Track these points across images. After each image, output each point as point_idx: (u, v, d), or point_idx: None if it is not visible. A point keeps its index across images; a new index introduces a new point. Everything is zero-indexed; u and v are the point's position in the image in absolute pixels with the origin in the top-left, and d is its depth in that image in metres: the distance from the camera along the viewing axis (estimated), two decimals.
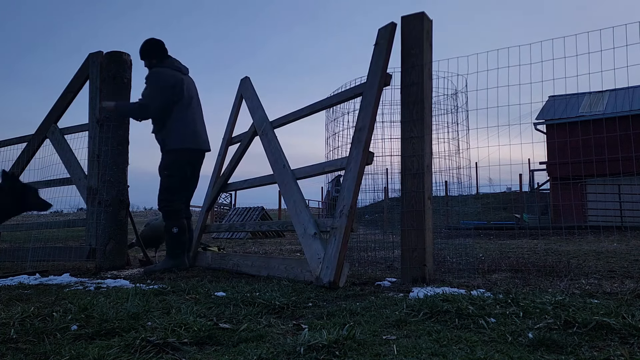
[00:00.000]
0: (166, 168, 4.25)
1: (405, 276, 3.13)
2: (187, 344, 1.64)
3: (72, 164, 4.86)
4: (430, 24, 3.30)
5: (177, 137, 4.21)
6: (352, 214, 3.04)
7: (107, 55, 4.69)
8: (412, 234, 3.13)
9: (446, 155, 4.09)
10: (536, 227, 11.07)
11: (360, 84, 3.47)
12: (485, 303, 2.08)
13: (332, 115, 4.54)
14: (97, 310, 2.06)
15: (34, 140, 5.28)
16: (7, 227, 7.20)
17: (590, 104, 16.93)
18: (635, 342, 1.57)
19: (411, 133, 3.20)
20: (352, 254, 4.58)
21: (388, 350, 1.52)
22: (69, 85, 5.06)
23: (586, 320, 1.72)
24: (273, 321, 1.96)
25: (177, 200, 4.25)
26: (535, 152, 19.19)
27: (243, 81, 4.93)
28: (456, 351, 1.50)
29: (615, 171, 8.96)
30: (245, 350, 1.55)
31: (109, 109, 4.32)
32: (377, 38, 3.35)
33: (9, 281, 3.44)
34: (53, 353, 1.54)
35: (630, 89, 16.45)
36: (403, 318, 1.92)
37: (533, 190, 19.35)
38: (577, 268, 3.67)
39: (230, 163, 4.91)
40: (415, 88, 3.21)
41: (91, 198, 4.52)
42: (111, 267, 4.30)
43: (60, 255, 4.72)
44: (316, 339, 1.55)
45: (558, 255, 4.85)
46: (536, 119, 16.30)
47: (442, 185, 4.42)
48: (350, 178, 3.13)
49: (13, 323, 1.90)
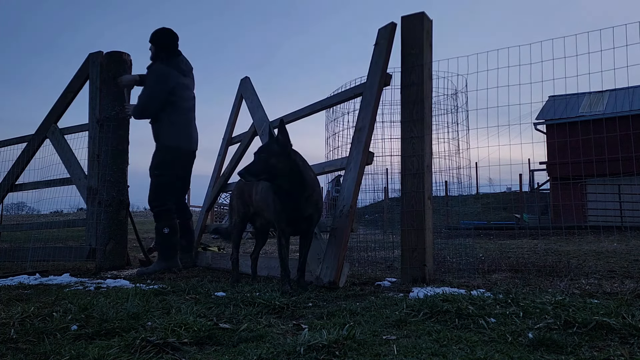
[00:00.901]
0: (157, 167, 4.23)
1: (405, 276, 3.13)
2: (187, 344, 1.64)
3: (72, 164, 4.86)
4: (430, 24, 3.30)
5: (171, 135, 4.20)
6: (352, 214, 3.04)
7: (107, 55, 4.69)
8: (412, 234, 3.13)
9: (446, 155, 4.09)
10: (536, 227, 11.07)
11: (360, 84, 3.47)
12: (485, 303, 2.08)
13: (332, 115, 4.54)
14: (97, 310, 2.06)
15: (34, 140, 5.28)
16: (7, 227, 7.21)
17: (590, 104, 16.93)
18: (635, 342, 1.57)
19: (411, 133, 3.20)
20: (352, 254, 4.58)
21: (388, 350, 1.52)
22: (69, 85, 5.07)
23: (586, 320, 1.72)
24: (273, 321, 1.96)
25: (168, 200, 4.22)
26: (535, 152, 19.20)
27: (243, 81, 4.93)
28: (456, 351, 1.50)
29: (615, 171, 8.96)
30: (245, 350, 1.55)
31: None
32: (377, 38, 3.35)
33: (9, 281, 3.44)
34: (53, 353, 1.54)
35: (630, 89, 16.46)
36: (403, 318, 1.92)
37: (533, 190, 19.35)
38: (577, 268, 3.67)
39: (230, 163, 4.91)
40: (415, 88, 3.21)
41: (91, 198, 4.52)
42: (111, 267, 4.30)
43: (60, 255, 4.72)
44: (316, 339, 1.55)
45: (558, 255, 4.85)
46: (536, 119, 16.31)
47: (442, 185, 4.43)
48: (350, 178, 3.13)
49: (13, 323, 1.90)
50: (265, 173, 2.64)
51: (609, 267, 3.72)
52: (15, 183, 5.52)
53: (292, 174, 2.70)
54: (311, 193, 2.80)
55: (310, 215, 2.85)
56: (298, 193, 2.75)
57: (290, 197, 2.77)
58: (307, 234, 2.95)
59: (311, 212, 2.85)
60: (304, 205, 2.80)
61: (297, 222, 2.86)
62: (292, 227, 2.88)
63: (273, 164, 2.63)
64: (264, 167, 2.63)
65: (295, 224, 2.86)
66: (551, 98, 17.20)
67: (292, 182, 2.72)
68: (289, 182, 2.72)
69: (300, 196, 2.76)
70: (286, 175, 2.69)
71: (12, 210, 19.97)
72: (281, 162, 2.65)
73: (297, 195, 2.76)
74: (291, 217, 2.83)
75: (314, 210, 2.86)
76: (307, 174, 2.80)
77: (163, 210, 4.18)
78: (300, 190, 2.75)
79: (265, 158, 2.64)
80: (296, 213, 2.82)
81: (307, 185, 2.77)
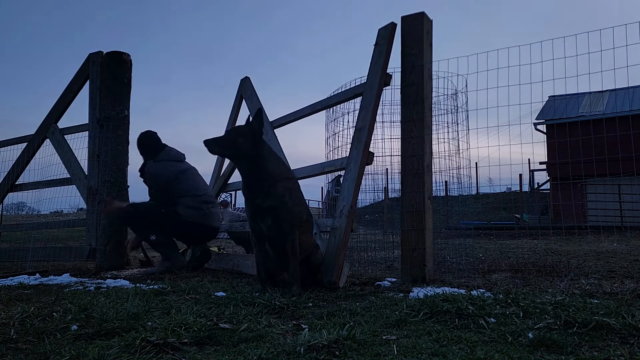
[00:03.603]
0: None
1: (405, 276, 3.13)
2: (187, 344, 1.64)
3: (72, 164, 4.86)
4: (430, 24, 3.30)
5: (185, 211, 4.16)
6: (352, 214, 3.04)
7: (107, 55, 4.69)
8: (412, 234, 3.13)
9: (446, 155, 4.09)
10: (536, 227, 11.07)
11: (360, 84, 3.47)
12: (485, 303, 2.07)
13: (332, 115, 4.55)
14: (97, 310, 2.06)
15: (34, 140, 5.29)
16: (7, 227, 7.21)
17: (590, 104, 16.94)
18: (635, 342, 1.57)
19: (411, 133, 3.20)
20: (352, 254, 4.58)
21: (388, 350, 1.52)
22: (69, 85, 5.07)
23: (586, 320, 1.72)
24: (273, 321, 1.96)
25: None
26: (535, 152, 19.19)
27: (243, 81, 4.93)
28: (456, 351, 1.50)
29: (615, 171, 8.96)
30: (245, 350, 1.55)
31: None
32: (377, 38, 3.35)
33: (9, 281, 3.44)
34: (53, 353, 1.54)
35: (630, 89, 16.46)
36: (403, 318, 1.92)
37: (533, 190, 19.36)
38: (577, 268, 3.67)
39: (230, 163, 4.91)
40: (415, 88, 3.21)
41: (91, 198, 4.52)
42: (111, 267, 4.30)
43: (60, 255, 4.72)
44: (316, 339, 1.55)
45: (558, 255, 4.85)
46: (536, 119, 16.31)
47: (442, 185, 4.43)
48: (350, 178, 3.13)
49: (13, 323, 1.90)
50: (229, 149, 2.73)
51: (609, 267, 3.72)
52: (15, 183, 5.52)
53: (254, 160, 2.72)
54: (272, 185, 2.74)
55: (270, 207, 2.72)
56: (258, 182, 2.73)
57: (250, 187, 2.76)
58: (279, 235, 2.75)
59: (272, 205, 2.72)
60: (263, 197, 2.73)
61: (259, 215, 2.76)
62: (255, 221, 2.79)
63: (239, 143, 2.70)
64: (229, 143, 2.72)
65: (257, 217, 2.77)
66: (551, 98, 17.20)
67: (253, 169, 2.73)
68: (251, 168, 2.74)
69: (259, 186, 2.73)
70: (248, 159, 2.72)
71: (12, 210, 19.98)
72: (246, 143, 2.71)
73: (256, 185, 2.74)
74: (251, 209, 2.79)
75: (276, 203, 2.72)
76: (272, 165, 2.78)
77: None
78: (260, 179, 2.73)
79: (233, 136, 2.73)
80: (254, 202, 2.76)
81: (267, 175, 2.73)
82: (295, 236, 2.76)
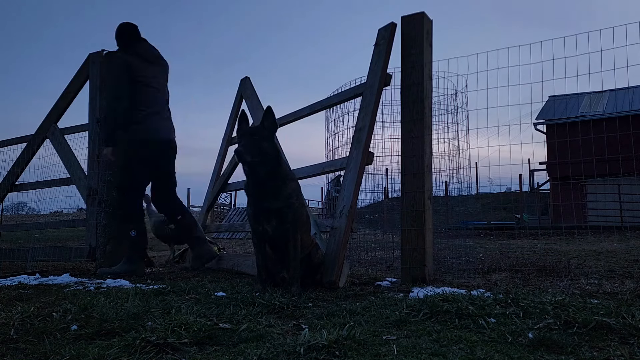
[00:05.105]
0: (122, 166, 3.95)
1: (405, 276, 3.13)
2: (187, 344, 1.64)
3: (72, 164, 4.86)
4: (430, 24, 3.30)
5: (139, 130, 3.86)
6: (352, 214, 3.04)
7: (107, 55, 4.68)
8: (412, 234, 3.13)
9: (446, 155, 4.10)
10: (536, 227, 11.07)
11: (360, 84, 3.47)
12: (485, 303, 2.07)
13: (332, 115, 4.55)
14: (97, 310, 2.06)
15: (34, 140, 5.28)
16: (7, 227, 7.21)
17: (590, 104, 16.94)
18: (635, 342, 1.57)
19: (411, 133, 3.20)
20: (352, 254, 4.58)
21: (388, 350, 1.52)
22: (69, 85, 5.06)
23: (586, 320, 1.72)
24: (273, 321, 1.96)
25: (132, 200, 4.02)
26: (535, 152, 19.20)
27: (243, 81, 4.93)
28: (456, 351, 1.50)
29: (615, 171, 8.97)
30: (245, 350, 1.55)
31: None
32: (377, 38, 3.35)
33: (9, 281, 3.44)
34: (53, 353, 1.54)
35: (630, 89, 16.46)
36: (403, 318, 1.92)
37: (533, 190, 19.36)
38: (577, 268, 3.67)
39: (230, 163, 4.91)
40: (415, 88, 3.21)
41: (91, 198, 4.52)
42: (111, 267, 4.29)
43: (60, 255, 4.72)
44: (316, 339, 1.55)
45: (558, 255, 4.85)
46: (536, 119, 16.31)
47: (442, 185, 4.43)
48: (350, 178, 3.13)
49: (13, 323, 1.90)
50: (259, 155, 2.63)
51: (609, 267, 3.72)
52: (15, 183, 5.52)
53: (274, 159, 2.67)
54: (283, 185, 2.68)
55: (279, 209, 2.66)
56: (270, 181, 2.66)
57: (260, 185, 2.67)
58: (283, 236, 2.71)
59: (280, 206, 2.66)
60: (271, 199, 2.66)
61: (265, 217, 2.70)
62: (259, 223, 2.72)
63: (264, 147, 2.63)
64: (258, 149, 2.62)
65: (262, 218, 2.70)
66: (551, 98, 17.21)
67: (270, 170, 2.66)
68: (269, 170, 2.66)
69: (272, 186, 2.66)
70: (271, 160, 2.66)
71: (12, 210, 19.98)
72: (270, 147, 2.66)
73: (268, 184, 2.66)
74: (257, 210, 2.71)
75: (284, 205, 2.67)
76: (284, 166, 2.77)
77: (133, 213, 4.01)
78: (273, 178, 2.67)
79: (258, 140, 2.63)
80: (262, 205, 2.68)
81: (280, 176, 2.68)
82: (298, 237, 2.74)
